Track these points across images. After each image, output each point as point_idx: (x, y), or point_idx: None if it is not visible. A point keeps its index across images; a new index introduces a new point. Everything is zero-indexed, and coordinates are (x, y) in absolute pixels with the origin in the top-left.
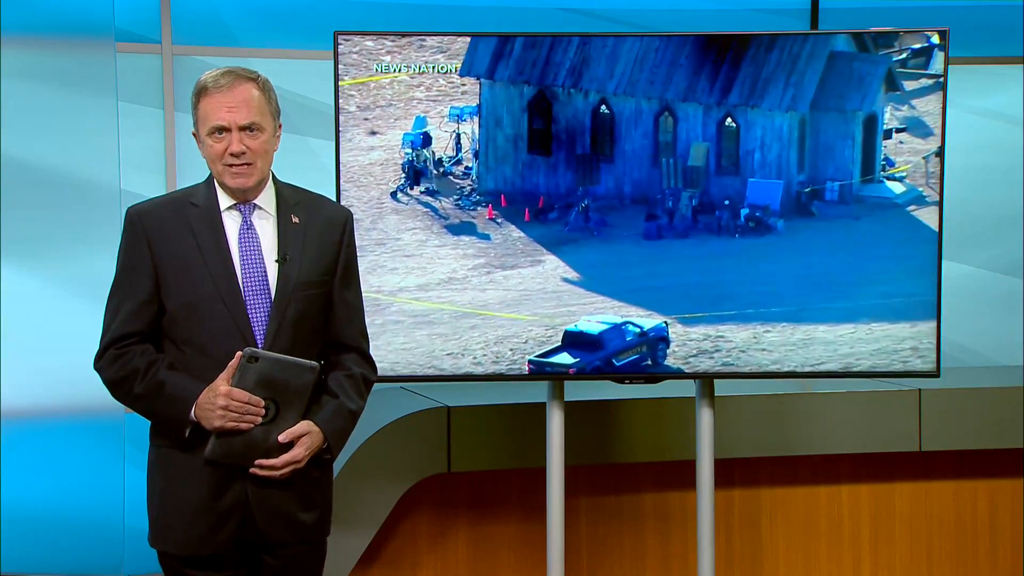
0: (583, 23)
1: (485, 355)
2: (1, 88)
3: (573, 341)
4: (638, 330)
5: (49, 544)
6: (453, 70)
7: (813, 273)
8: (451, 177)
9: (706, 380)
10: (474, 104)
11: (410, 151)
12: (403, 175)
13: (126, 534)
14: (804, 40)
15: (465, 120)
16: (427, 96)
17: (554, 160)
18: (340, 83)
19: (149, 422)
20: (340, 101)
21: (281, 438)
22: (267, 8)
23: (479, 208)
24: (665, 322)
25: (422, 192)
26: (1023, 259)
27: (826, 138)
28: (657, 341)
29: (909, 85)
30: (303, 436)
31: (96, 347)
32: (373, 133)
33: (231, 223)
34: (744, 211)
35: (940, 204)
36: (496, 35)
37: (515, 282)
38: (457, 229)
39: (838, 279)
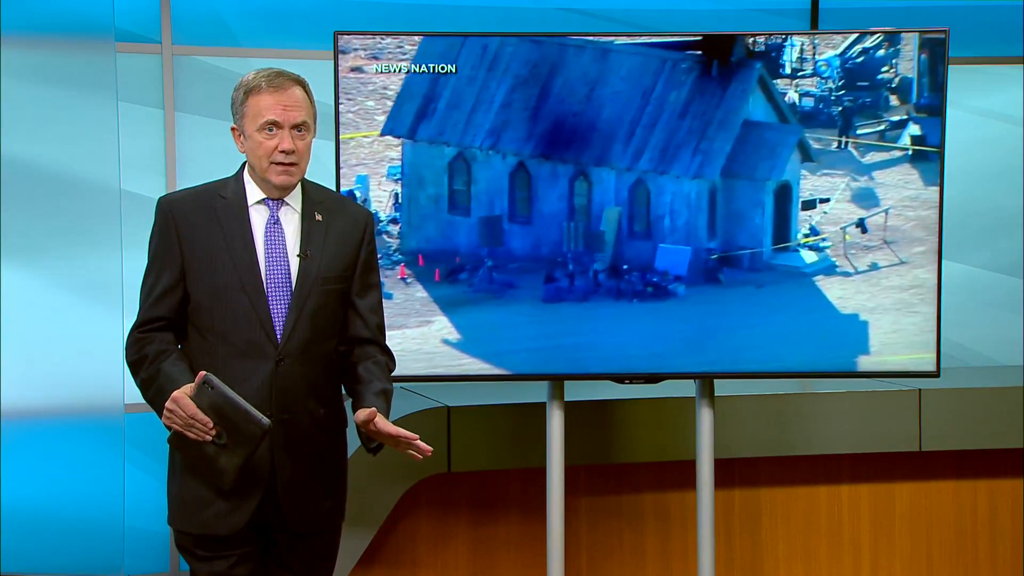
0: (583, 23)
1: None
2: (1, 88)
3: None
4: None
5: (49, 544)
6: None
7: (688, 334)
8: (385, 236)
9: (706, 380)
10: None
11: None
12: None
13: (126, 534)
14: (716, 107)
15: (400, 180)
16: (400, 155)
17: (473, 221)
18: (340, 136)
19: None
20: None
21: (373, 421)
22: (267, 8)
23: (396, 267)
24: None
25: None
26: (1023, 259)
27: (738, 206)
28: None
29: (878, 157)
30: (376, 418)
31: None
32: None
33: (258, 217)
34: (648, 276)
35: (940, 204)
36: (500, 35)
37: (395, 343)
38: None
39: (710, 343)
